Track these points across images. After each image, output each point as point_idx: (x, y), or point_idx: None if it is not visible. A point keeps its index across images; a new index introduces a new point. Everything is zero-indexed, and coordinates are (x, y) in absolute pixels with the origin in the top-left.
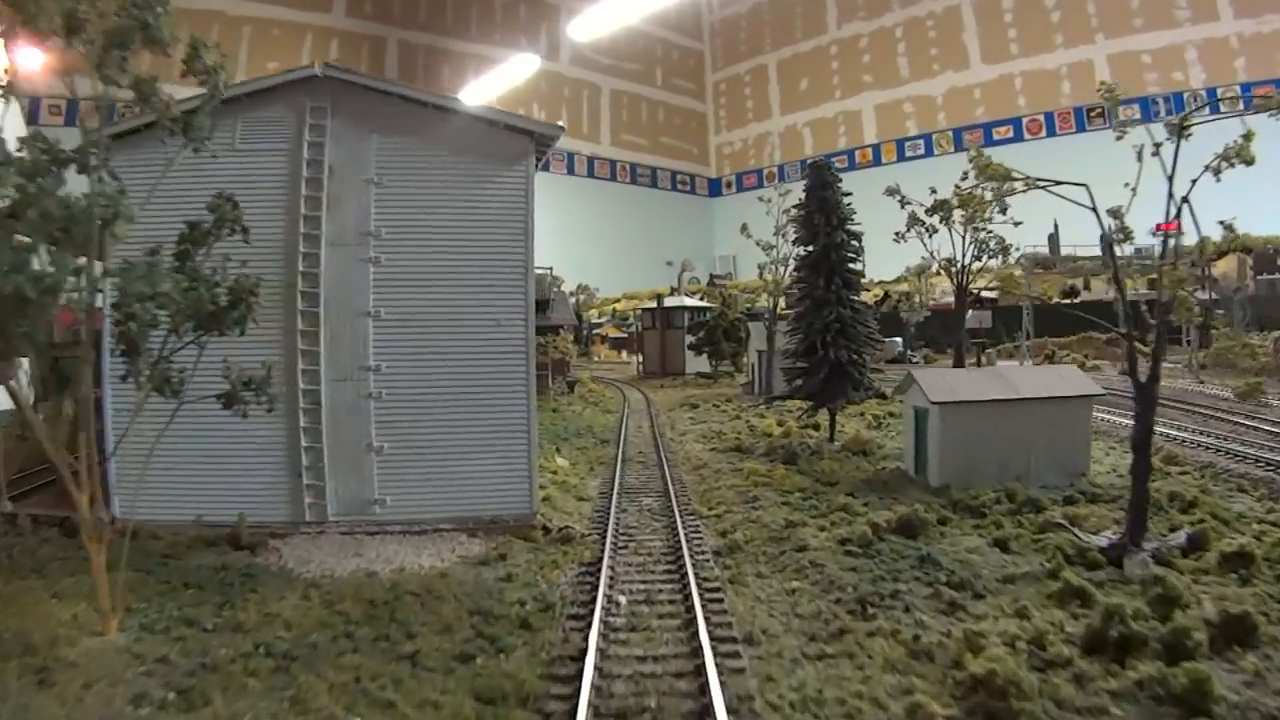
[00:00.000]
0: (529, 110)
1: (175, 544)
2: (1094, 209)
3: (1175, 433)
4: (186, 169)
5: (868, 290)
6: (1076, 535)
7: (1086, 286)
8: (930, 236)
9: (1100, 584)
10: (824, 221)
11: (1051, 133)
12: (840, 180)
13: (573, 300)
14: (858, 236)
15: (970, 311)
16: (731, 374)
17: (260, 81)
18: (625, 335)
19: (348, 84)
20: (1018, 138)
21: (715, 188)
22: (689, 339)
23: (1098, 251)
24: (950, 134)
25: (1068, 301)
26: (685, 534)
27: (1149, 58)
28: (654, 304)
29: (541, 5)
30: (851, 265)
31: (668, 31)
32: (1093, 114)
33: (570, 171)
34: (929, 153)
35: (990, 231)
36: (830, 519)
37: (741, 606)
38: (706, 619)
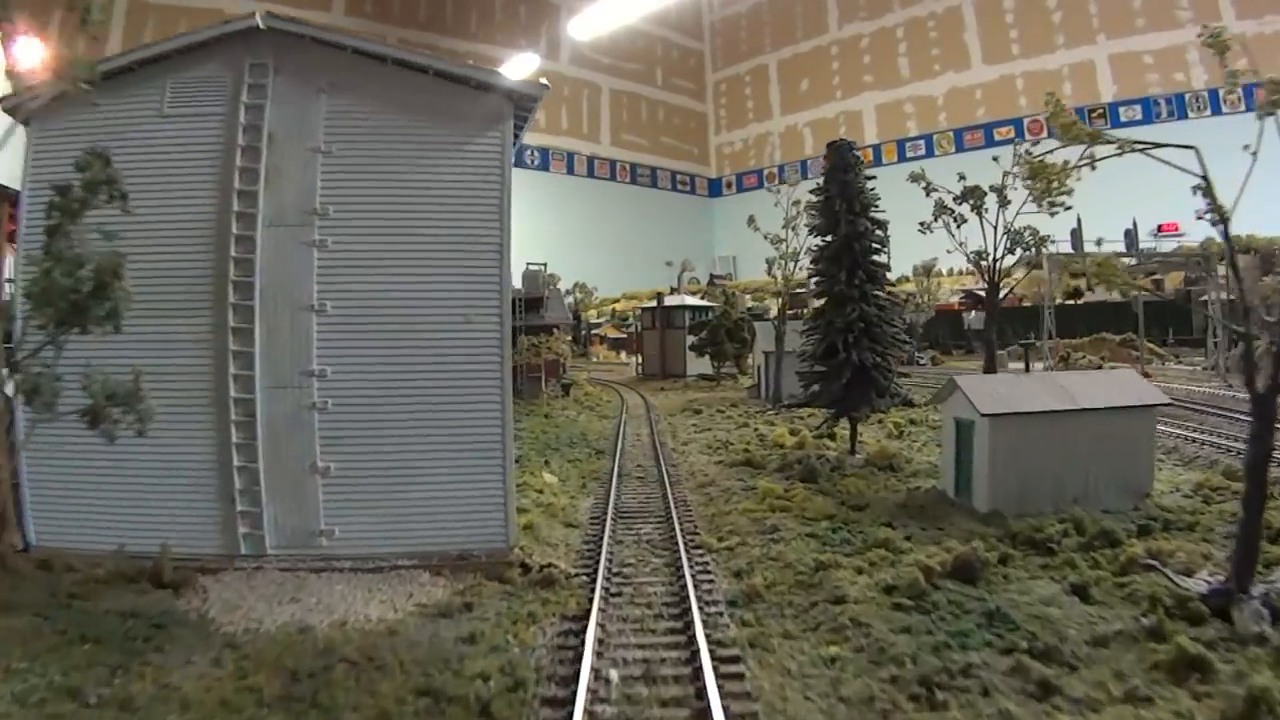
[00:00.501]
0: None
1: (90, 580)
2: (1204, 176)
3: (1225, 443)
4: (110, 138)
5: (893, 286)
6: (1170, 579)
7: (1090, 288)
8: (958, 227)
9: (1212, 644)
10: (845, 208)
11: (1053, 133)
12: (863, 163)
13: (570, 299)
14: (882, 225)
15: (972, 311)
16: (734, 376)
17: (192, 36)
18: (624, 335)
19: (293, 36)
20: (1019, 138)
21: (715, 188)
22: (690, 339)
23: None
24: (951, 134)
25: (1070, 302)
26: (692, 576)
27: (1150, 58)
28: (654, 303)
29: (542, 4)
30: (875, 257)
31: (668, 31)
32: (1094, 114)
33: (570, 171)
34: (930, 153)
35: (1031, 218)
36: (868, 557)
37: (768, 684)
38: (725, 708)
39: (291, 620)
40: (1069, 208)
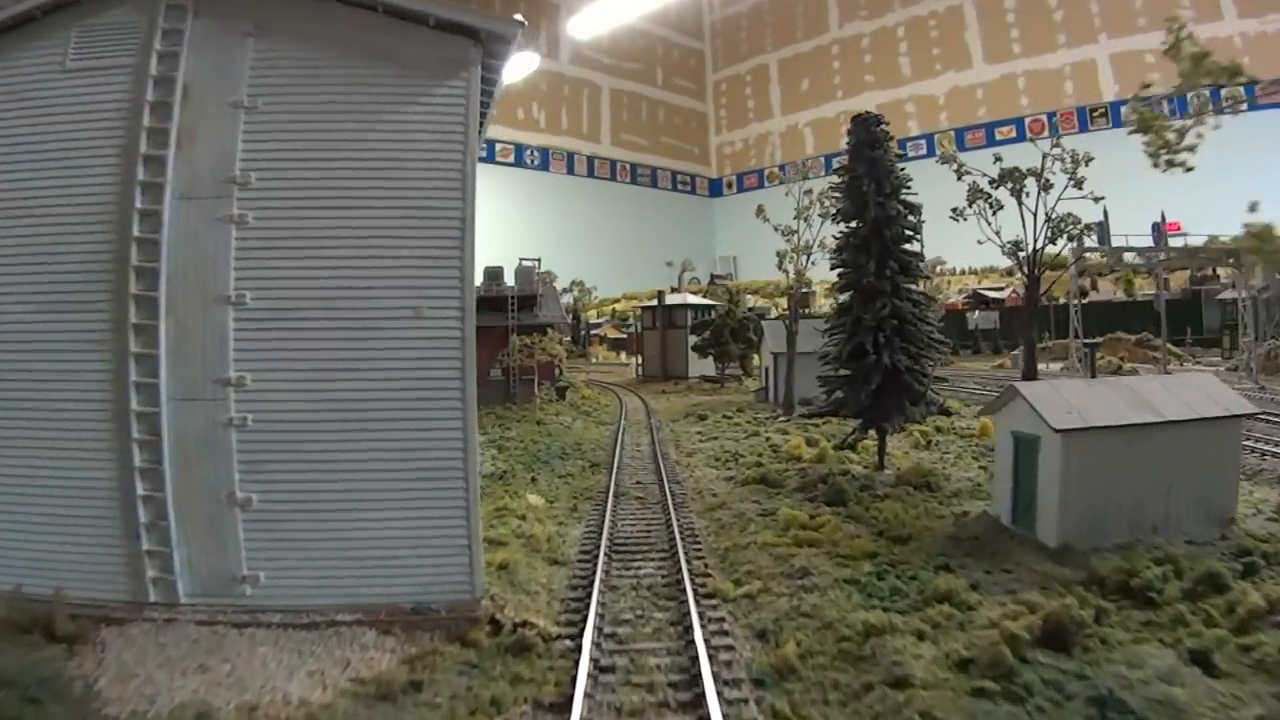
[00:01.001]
0: (528, 110)
1: None
2: None
3: None
4: (10, 101)
5: (929, 279)
6: None
7: (1094, 286)
8: (994, 214)
9: None
10: (874, 189)
11: (1054, 132)
12: (893, 139)
13: (568, 298)
14: (915, 209)
15: (977, 311)
16: (739, 378)
17: None
18: (624, 336)
19: None
20: (1020, 138)
21: (716, 188)
22: (692, 340)
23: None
24: (952, 134)
25: (1076, 301)
26: (706, 640)
27: (1152, 57)
28: (654, 302)
29: (542, 3)
30: (907, 246)
31: (668, 31)
32: (1095, 114)
33: (570, 171)
34: (931, 153)
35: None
36: (930, 616)
37: None
38: None
39: (193, 698)
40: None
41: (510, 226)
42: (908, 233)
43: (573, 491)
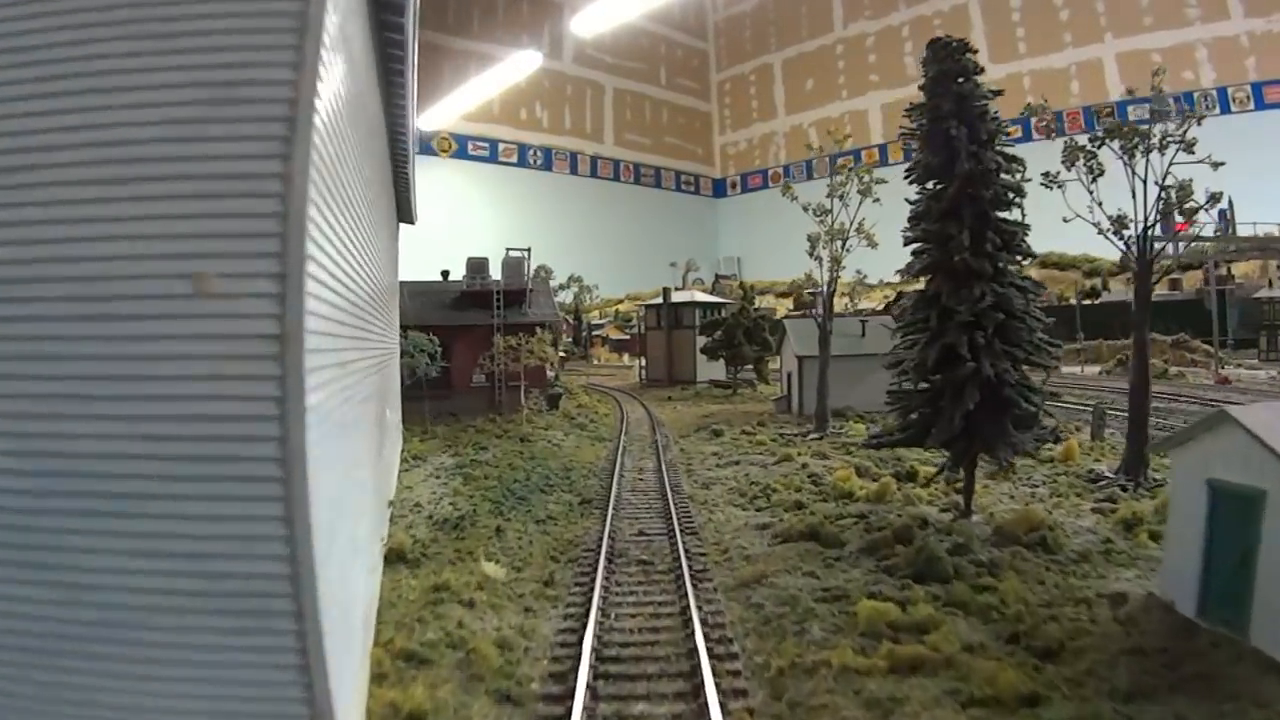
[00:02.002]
0: (531, 109)
1: None
2: None
3: None
4: None
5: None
6: None
7: (1105, 286)
8: (1093, 181)
9: None
10: (966, 134)
11: (1060, 132)
12: (982, 70)
13: (566, 294)
14: (1018, 163)
15: None
16: (752, 383)
17: None
18: (628, 337)
19: None
20: (1026, 138)
21: (720, 188)
22: (701, 341)
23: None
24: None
25: (1088, 301)
26: None
27: (1158, 57)
28: (659, 300)
29: (545, 2)
30: (1007, 215)
31: (671, 30)
32: (1102, 113)
33: (573, 171)
34: None
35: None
36: None
37: None
38: None
39: None
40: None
41: (513, 227)
42: (1007, 194)
43: (551, 547)
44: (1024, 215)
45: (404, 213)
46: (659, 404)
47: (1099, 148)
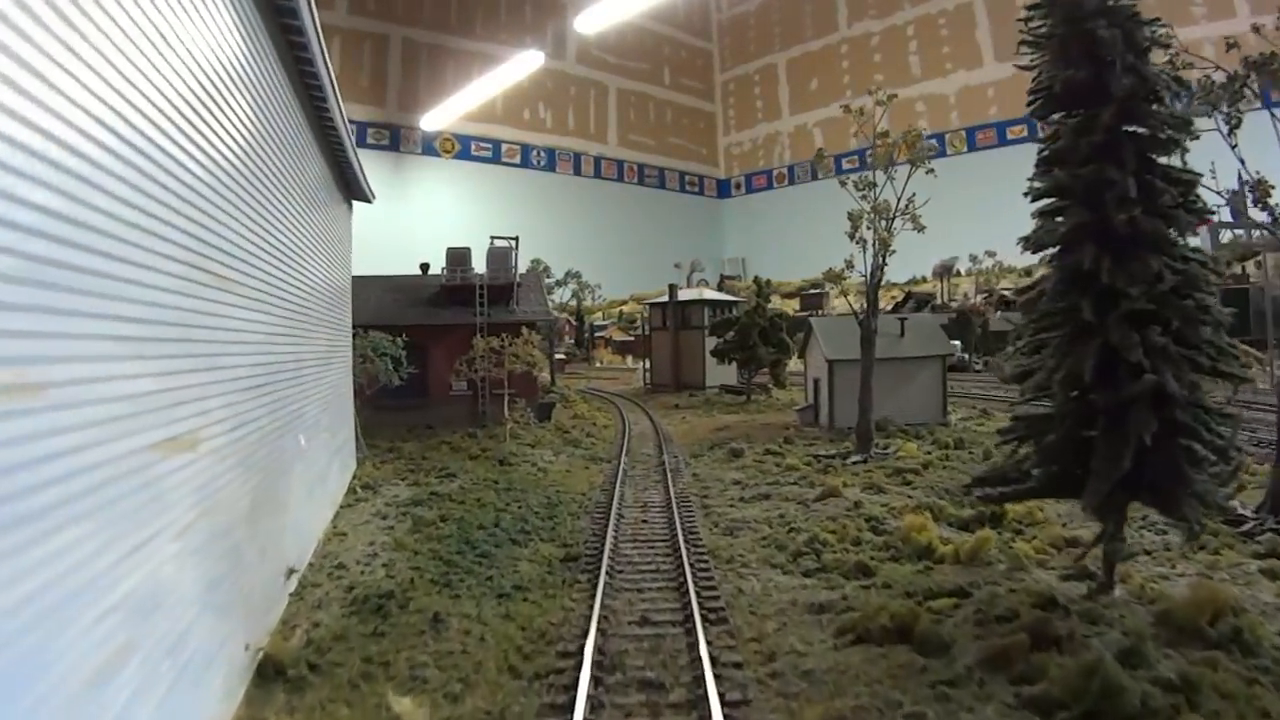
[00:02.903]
0: (534, 109)
1: None
2: None
3: None
4: None
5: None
6: None
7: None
8: (1232, 131)
9: None
10: (1120, 38)
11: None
12: None
13: (564, 291)
14: (1181, 85)
15: (998, 313)
16: (767, 389)
17: None
18: (631, 338)
19: None
20: (1032, 137)
21: (724, 189)
22: (711, 342)
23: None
24: (963, 133)
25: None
26: None
27: (1165, 54)
28: (665, 298)
29: (547, 2)
30: (1169, 161)
31: (675, 30)
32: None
33: (577, 172)
34: (942, 153)
35: None
36: None
37: None
38: None
39: None
40: None
41: (516, 228)
42: (1166, 132)
43: (511, 649)
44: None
45: (356, 192)
46: (665, 413)
47: (1239, 87)
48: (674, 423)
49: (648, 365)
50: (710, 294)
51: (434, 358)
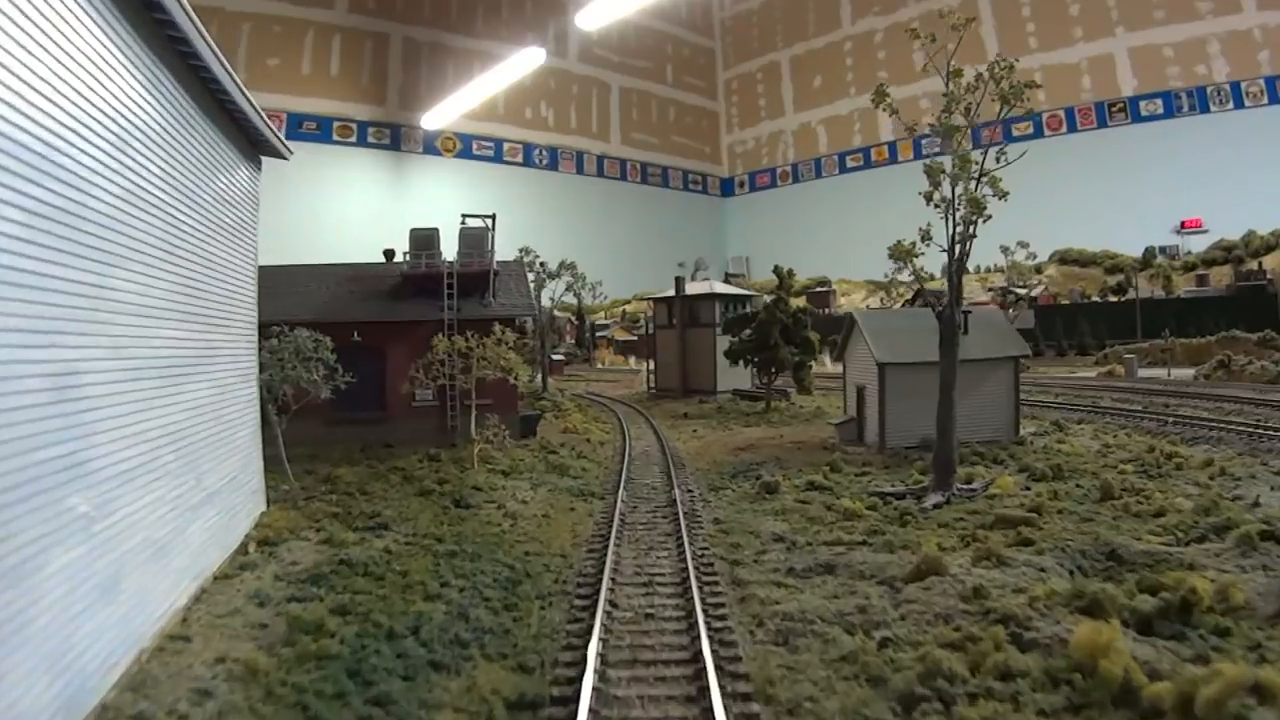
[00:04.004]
0: (536, 108)
1: None
2: None
3: None
4: None
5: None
6: None
7: (1130, 283)
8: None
9: None
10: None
11: (1072, 128)
12: None
13: (557, 285)
14: None
15: (1009, 310)
16: (787, 394)
17: None
18: (634, 338)
19: None
20: (1037, 134)
21: (728, 187)
22: (724, 342)
23: None
24: (968, 131)
25: (1114, 299)
26: None
27: (1171, 51)
28: (671, 293)
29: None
30: None
31: (678, 28)
32: (1114, 109)
33: (580, 171)
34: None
35: None
36: None
37: None
38: None
39: None
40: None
41: (517, 227)
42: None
43: None
44: None
45: (262, 147)
46: (672, 424)
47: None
48: (683, 437)
49: (651, 367)
50: (721, 287)
51: (393, 361)
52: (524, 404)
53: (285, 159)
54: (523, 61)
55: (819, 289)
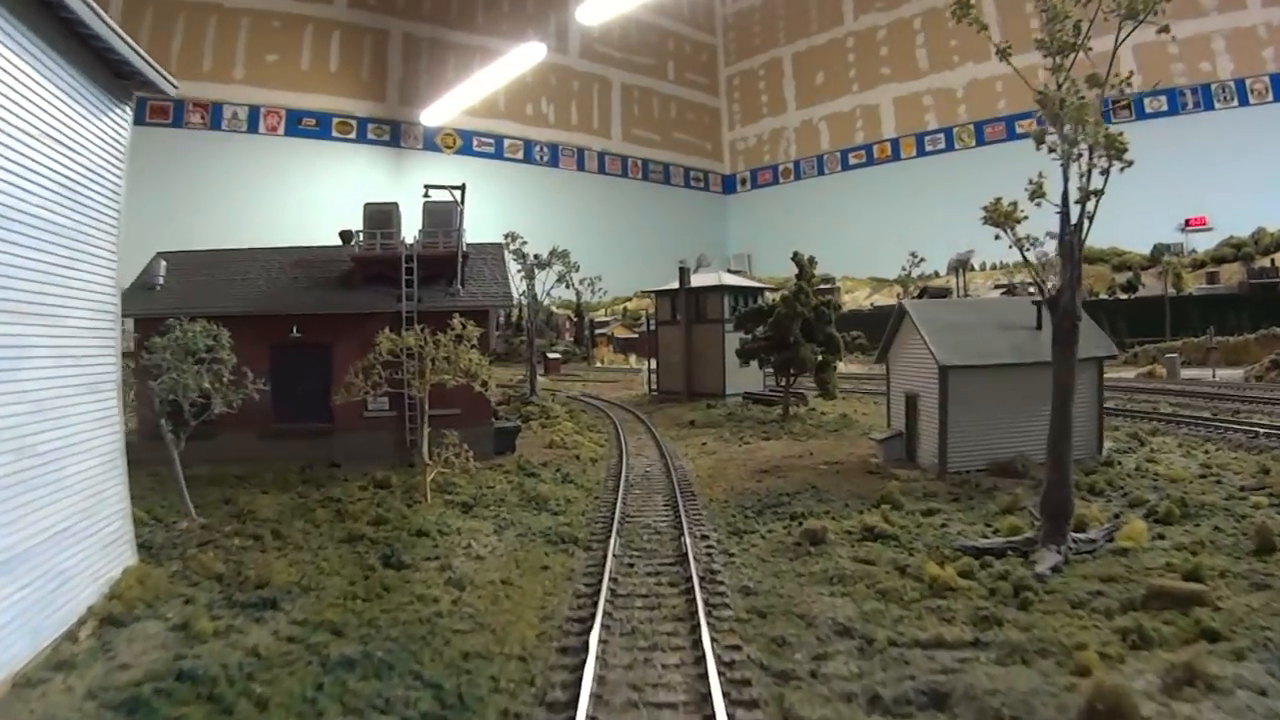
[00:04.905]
0: (537, 104)
1: None
2: None
3: None
4: None
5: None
6: None
7: (1139, 280)
8: None
9: None
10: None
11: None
12: None
13: (549, 275)
14: None
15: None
16: (803, 397)
17: None
18: (635, 336)
19: None
20: (1042, 131)
21: (729, 184)
22: (734, 340)
23: None
24: (972, 128)
25: (1124, 297)
26: None
27: (1175, 48)
28: (675, 285)
29: None
30: None
31: (679, 24)
32: (1118, 106)
33: (580, 168)
34: (950, 147)
35: None
36: None
37: None
38: None
39: None
40: None
41: (518, 224)
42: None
43: None
44: None
45: (136, 81)
46: (678, 434)
47: None
48: (691, 452)
49: (653, 367)
50: (731, 279)
51: (341, 362)
52: (510, 408)
53: (168, 94)
54: (523, 57)
55: (823, 286)
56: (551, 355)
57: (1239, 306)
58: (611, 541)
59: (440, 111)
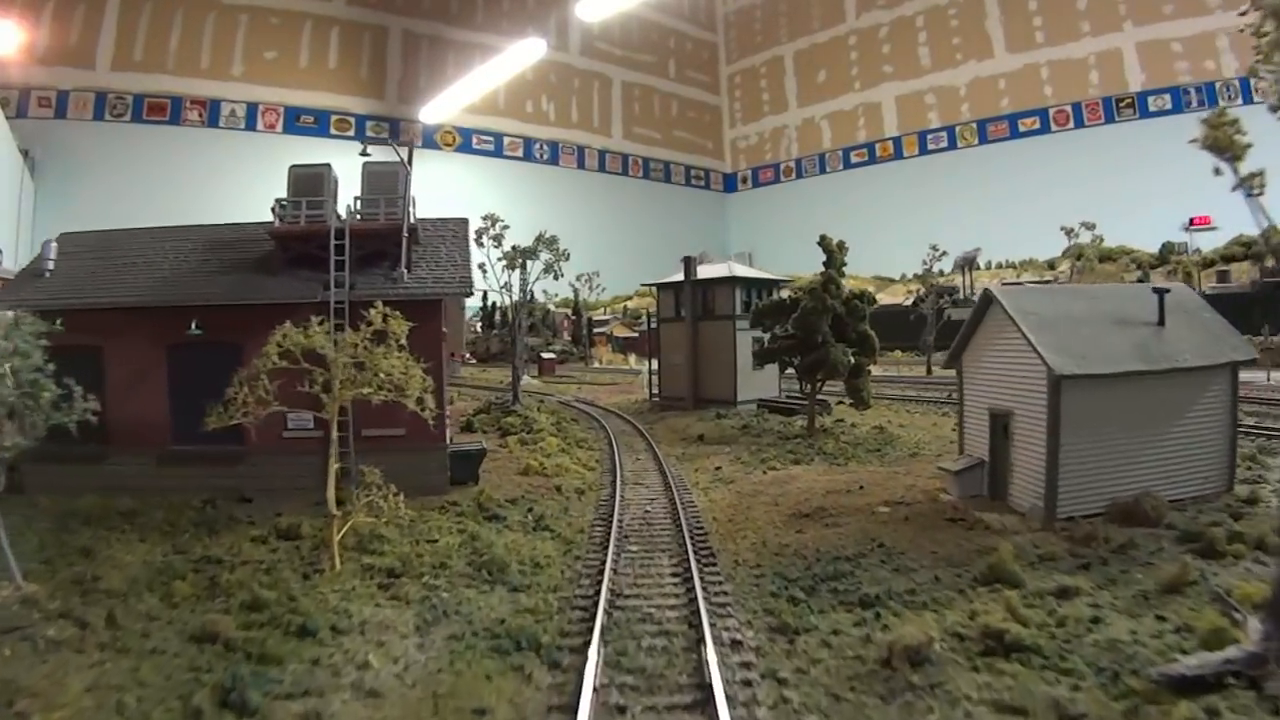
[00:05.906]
0: (537, 102)
1: None
2: None
3: None
4: None
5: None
6: None
7: (1147, 279)
8: None
9: None
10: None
11: (1080, 124)
12: None
13: (534, 267)
14: None
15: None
16: (828, 408)
17: None
18: (635, 335)
19: None
20: (1044, 129)
21: (730, 183)
22: (747, 339)
23: None
24: (974, 126)
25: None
26: None
27: (1179, 46)
28: (679, 277)
29: None
30: None
31: (680, 22)
32: (1122, 104)
33: (581, 166)
34: (952, 145)
35: None
36: None
37: None
38: None
39: None
40: None
41: (517, 222)
42: None
43: None
44: None
45: None
46: (685, 453)
47: None
48: (704, 482)
49: (653, 368)
50: (743, 270)
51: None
52: (488, 418)
53: None
54: (523, 54)
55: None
56: (546, 355)
57: (1254, 305)
58: (593, 655)
59: (439, 109)
